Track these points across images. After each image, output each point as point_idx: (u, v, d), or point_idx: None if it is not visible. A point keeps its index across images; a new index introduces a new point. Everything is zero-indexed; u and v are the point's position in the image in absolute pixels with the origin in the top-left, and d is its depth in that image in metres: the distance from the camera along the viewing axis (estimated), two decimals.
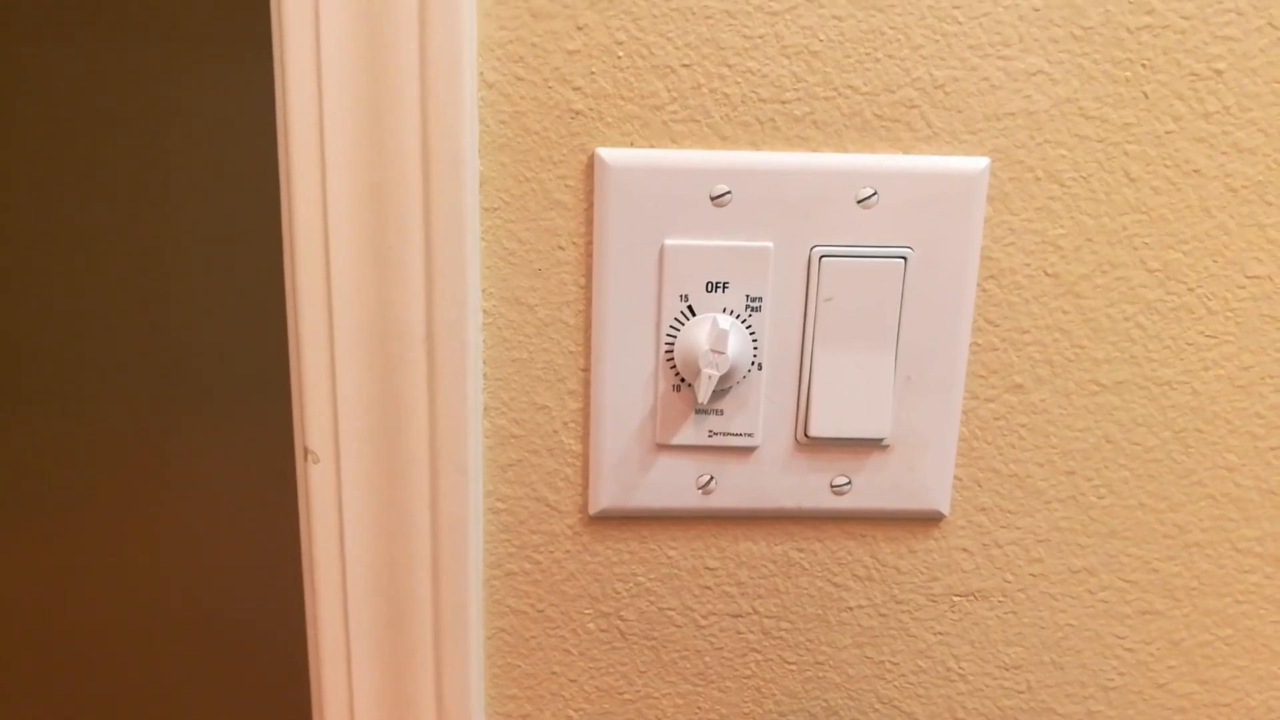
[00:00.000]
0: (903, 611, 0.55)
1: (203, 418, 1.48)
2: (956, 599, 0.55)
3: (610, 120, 0.46)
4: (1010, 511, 0.53)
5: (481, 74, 0.45)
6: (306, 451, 0.50)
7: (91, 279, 1.44)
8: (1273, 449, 0.52)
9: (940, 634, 0.55)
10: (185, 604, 1.63)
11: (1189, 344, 0.50)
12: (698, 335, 0.47)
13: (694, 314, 0.48)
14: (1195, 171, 0.48)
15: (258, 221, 1.32)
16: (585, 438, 0.51)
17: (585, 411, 0.50)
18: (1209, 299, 0.50)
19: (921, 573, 0.54)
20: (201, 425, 1.49)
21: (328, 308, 0.47)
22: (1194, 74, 0.46)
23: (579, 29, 0.45)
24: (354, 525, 0.50)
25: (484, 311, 0.49)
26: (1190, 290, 0.50)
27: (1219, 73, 0.46)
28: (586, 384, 0.50)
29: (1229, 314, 0.50)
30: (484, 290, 0.48)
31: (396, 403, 0.48)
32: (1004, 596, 0.55)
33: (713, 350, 0.46)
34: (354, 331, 0.47)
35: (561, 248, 0.48)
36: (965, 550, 0.54)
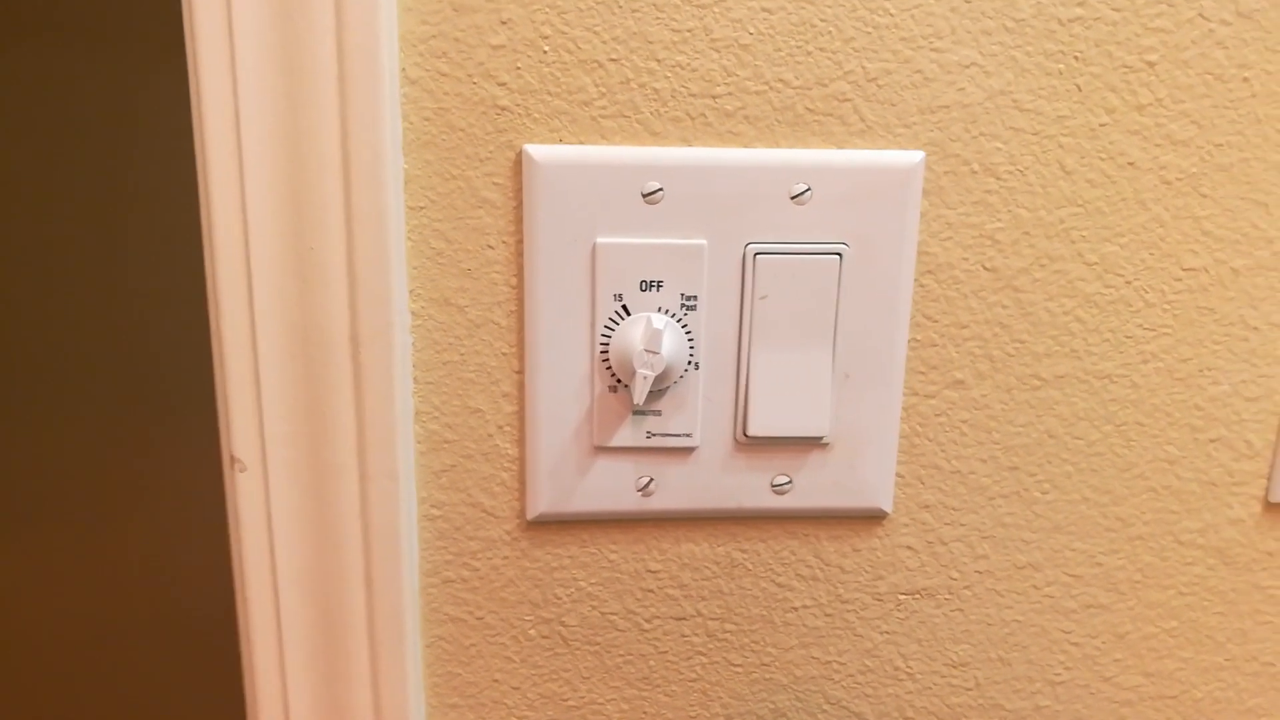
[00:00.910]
0: (848, 611, 0.54)
1: (172, 424, 1.47)
2: (902, 597, 0.54)
3: (538, 116, 0.45)
4: (954, 508, 0.53)
5: (404, 70, 0.44)
6: (233, 459, 0.48)
7: (59, 286, 1.42)
8: (1212, 441, 0.52)
9: (887, 633, 0.55)
10: (157, 608, 1.61)
11: (1128, 337, 0.50)
12: (632, 335, 0.46)
13: (628, 313, 0.47)
14: (1130, 164, 0.47)
15: None
16: (521, 441, 0.50)
17: (520, 414, 0.49)
18: (1146, 291, 0.49)
19: (866, 571, 0.53)
20: (171, 432, 1.48)
21: (249, 312, 0.46)
22: (1126, 66, 0.46)
23: (503, 23, 0.44)
24: (284, 534, 0.49)
25: (412, 313, 0.48)
26: (1128, 283, 0.49)
27: (1151, 65, 0.46)
28: (521, 386, 0.49)
29: (1166, 306, 0.50)
30: (412, 291, 0.47)
31: (323, 409, 0.47)
32: (950, 594, 0.54)
33: (647, 350, 0.45)
34: (277, 337, 0.46)
35: (491, 247, 0.47)
36: (909, 548, 0.53)
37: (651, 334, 0.45)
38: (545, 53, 0.44)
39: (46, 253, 1.41)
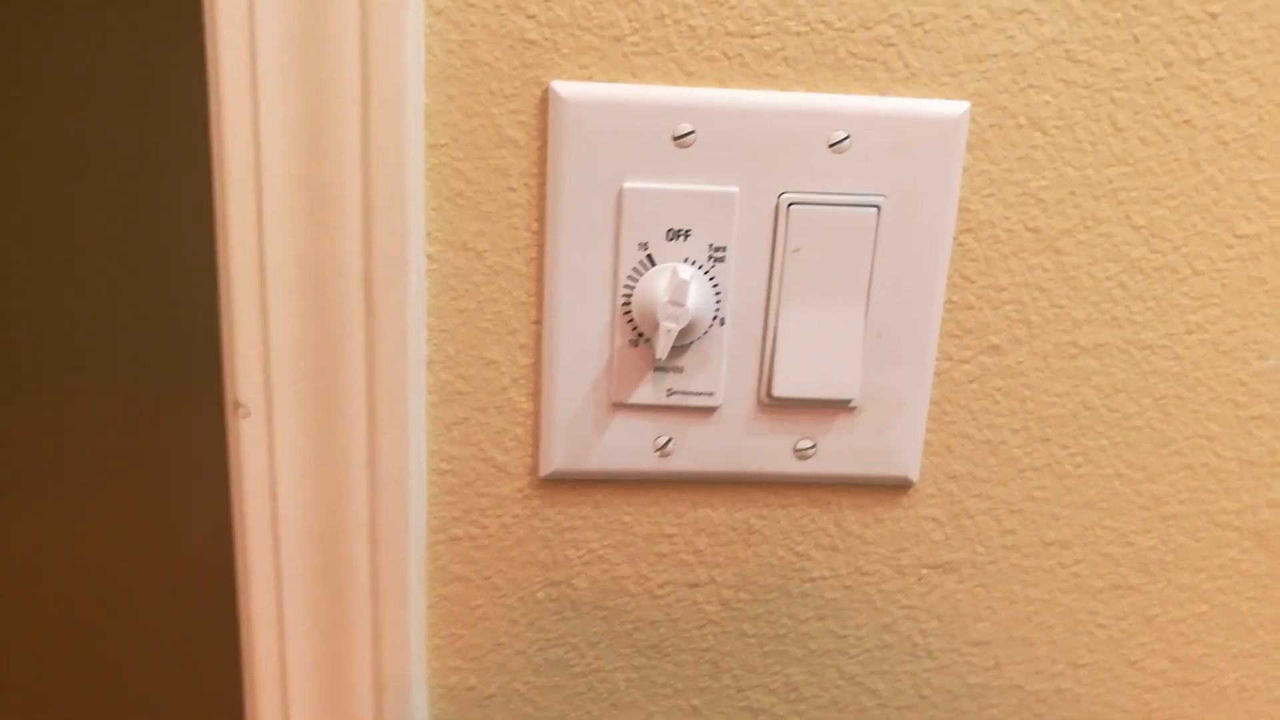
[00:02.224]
0: (868, 583, 0.52)
1: (196, 402, 1.45)
2: (924, 571, 0.52)
3: (566, 52, 0.43)
4: (982, 480, 0.51)
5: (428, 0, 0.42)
6: (236, 404, 0.46)
7: (84, 267, 1.40)
8: (1255, 418, 0.50)
9: (907, 607, 0.53)
10: (164, 576, 1.60)
11: (1173, 306, 0.48)
12: (657, 286, 0.44)
13: (653, 263, 0.45)
14: (1185, 122, 0.45)
15: None
16: (536, 395, 0.48)
17: (536, 367, 0.47)
18: (1195, 258, 0.47)
19: (888, 543, 0.52)
20: (181, 399, 1.46)
21: (259, 249, 0.44)
22: (1188, 17, 0.44)
23: None
24: (287, 483, 0.47)
25: (428, 257, 0.45)
26: (1176, 249, 0.47)
27: (1214, 16, 0.44)
28: (538, 337, 0.47)
29: (1215, 275, 0.48)
30: (429, 234, 0.45)
31: (332, 354, 0.45)
32: (974, 569, 0.52)
33: (672, 302, 0.43)
34: (287, 274, 0.44)
35: (513, 189, 0.45)
36: (934, 520, 0.51)
37: (677, 285, 0.43)
38: None
39: (58, 221, 1.39)
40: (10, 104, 1.34)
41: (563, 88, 0.43)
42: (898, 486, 0.50)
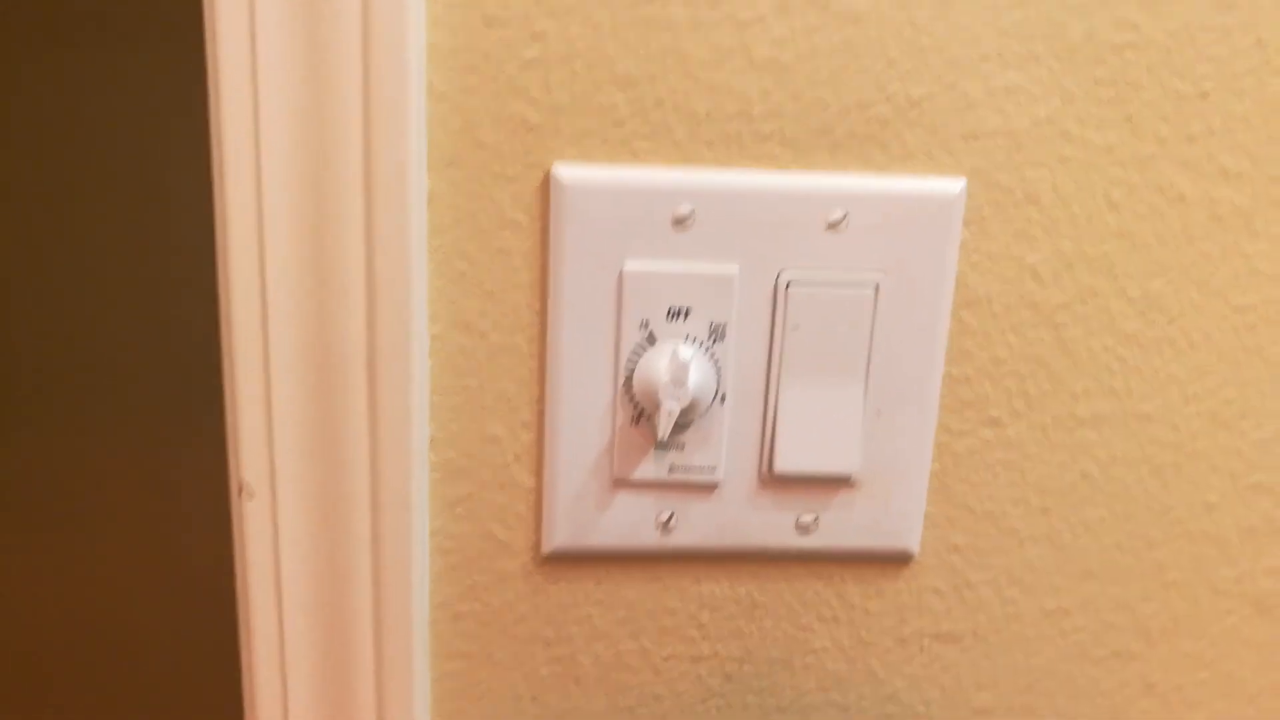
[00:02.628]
0: (870, 654, 0.52)
1: (185, 424, 1.45)
2: (926, 641, 0.52)
3: (567, 135, 0.44)
4: (983, 551, 0.51)
5: (430, 84, 0.43)
6: (241, 485, 0.46)
7: (78, 284, 1.41)
8: (1252, 487, 0.50)
9: (909, 677, 0.53)
10: (165, 610, 1.59)
11: (1170, 377, 0.48)
12: (658, 366, 0.44)
13: (655, 342, 0.45)
14: (1179, 197, 0.46)
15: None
16: (539, 472, 0.48)
17: (539, 444, 0.47)
18: (1191, 331, 0.48)
19: (890, 614, 0.51)
20: (185, 431, 1.46)
21: (263, 333, 0.44)
22: (1179, 94, 0.44)
23: (534, 37, 0.42)
24: (291, 564, 0.47)
25: (432, 336, 0.46)
26: (1172, 321, 0.48)
27: (1205, 94, 0.44)
28: (540, 415, 0.47)
29: (1211, 346, 0.48)
30: (432, 314, 0.45)
31: (336, 434, 0.45)
32: (976, 638, 0.52)
33: (673, 383, 0.43)
34: (291, 358, 0.44)
35: (515, 269, 0.45)
36: (936, 591, 0.51)
37: (678, 366, 0.43)
38: (577, 69, 0.43)
39: (64, 254, 1.40)
40: (15, 159, 1.36)
41: (564, 171, 0.44)
42: (899, 559, 0.51)
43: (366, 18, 0.40)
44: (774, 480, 0.48)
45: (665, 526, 0.48)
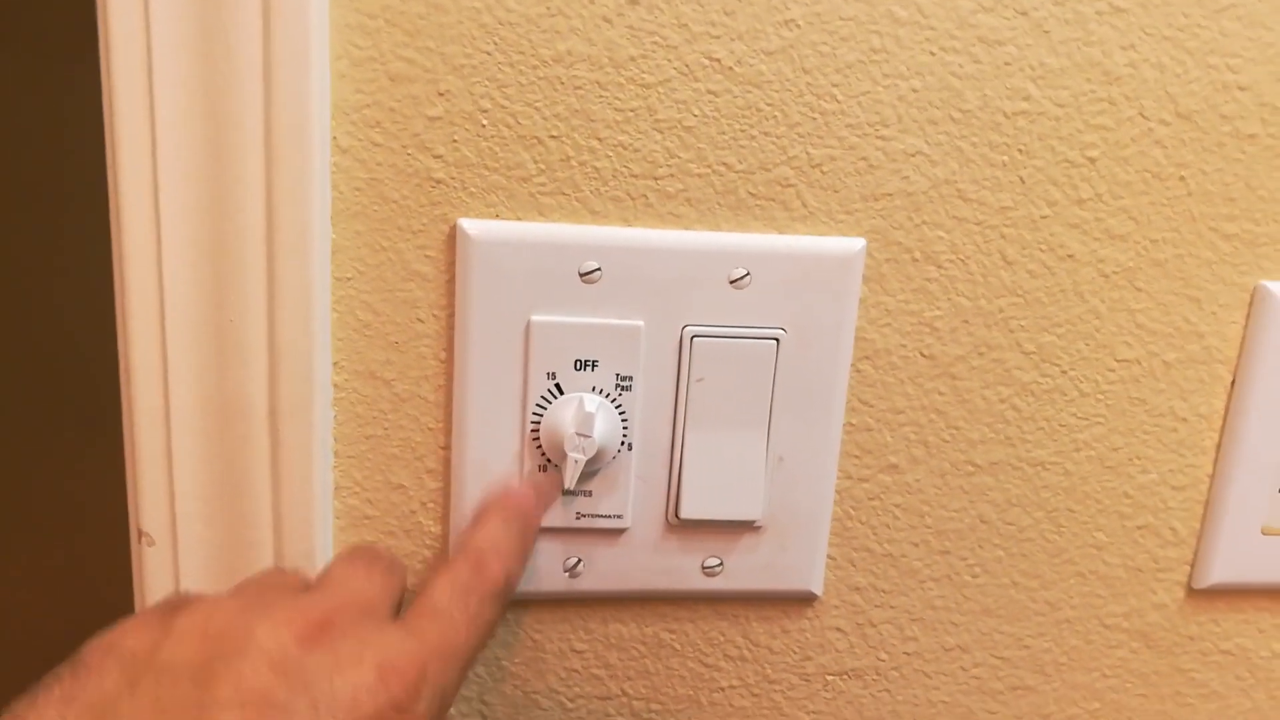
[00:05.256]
0: (775, 691, 0.53)
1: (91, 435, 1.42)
2: (830, 678, 0.53)
3: (474, 190, 0.44)
4: (884, 591, 0.52)
5: (335, 139, 0.43)
6: (140, 533, 0.46)
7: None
8: (1139, 528, 0.52)
9: (814, 713, 0.54)
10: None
11: (1062, 425, 0.50)
12: (564, 416, 0.45)
13: (562, 392, 0.46)
14: (1069, 256, 0.47)
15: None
16: (445, 519, 0.48)
17: (445, 492, 0.48)
18: (1081, 381, 0.49)
19: (795, 652, 0.53)
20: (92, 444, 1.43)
21: (163, 384, 0.43)
22: (1068, 161, 0.46)
23: (441, 95, 0.42)
24: None
25: (335, 386, 0.46)
26: (1064, 373, 0.49)
27: (1092, 160, 0.46)
28: (446, 463, 0.47)
29: (1100, 396, 0.50)
30: (336, 364, 0.45)
31: (238, 482, 0.45)
32: (878, 675, 0.54)
33: (579, 434, 0.44)
34: (192, 408, 0.44)
35: (421, 320, 0.45)
36: (839, 630, 0.52)
37: (584, 417, 0.44)
38: (484, 126, 0.43)
39: None
40: None
41: (470, 226, 0.44)
42: (803, 599, 0.52)
43: (268, 72, 0.40)
44: (680, 526, 0.49)
45: (573, 571, 0.49)
